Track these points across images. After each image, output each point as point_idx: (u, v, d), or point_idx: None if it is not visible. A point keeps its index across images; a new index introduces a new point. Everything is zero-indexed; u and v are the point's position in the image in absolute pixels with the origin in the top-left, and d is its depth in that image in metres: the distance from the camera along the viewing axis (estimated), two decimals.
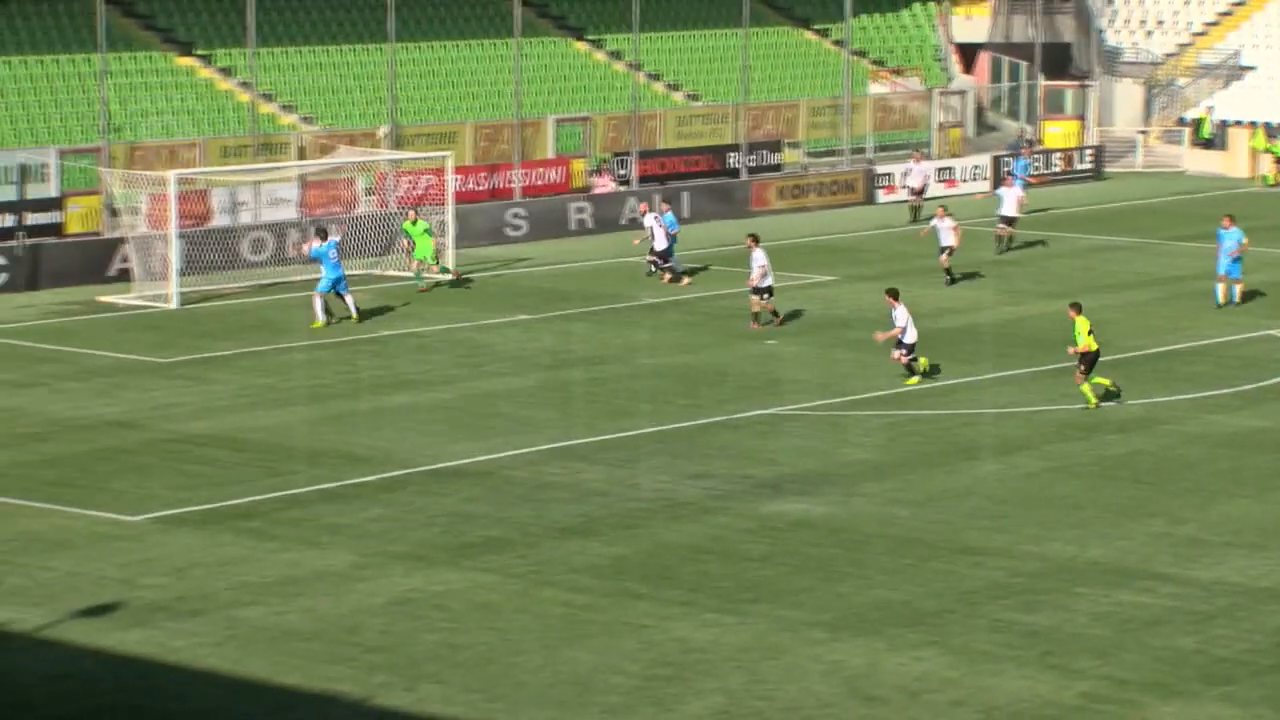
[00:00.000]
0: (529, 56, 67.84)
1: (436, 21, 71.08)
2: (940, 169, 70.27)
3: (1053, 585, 27.78)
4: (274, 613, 26.24)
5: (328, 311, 45.72)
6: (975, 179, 71.07)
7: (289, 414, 37.39)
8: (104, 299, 49.17)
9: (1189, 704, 23.50)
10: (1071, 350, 38.01)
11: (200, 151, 57.37)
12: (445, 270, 51.14)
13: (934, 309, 48.73)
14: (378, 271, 53.13)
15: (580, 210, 61.02)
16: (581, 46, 73.52)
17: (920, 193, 63.58)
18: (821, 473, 33.55)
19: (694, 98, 73.34)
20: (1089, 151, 76.00)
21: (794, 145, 71.03)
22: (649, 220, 52.47)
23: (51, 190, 54.05)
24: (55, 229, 52.83)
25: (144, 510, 30.88)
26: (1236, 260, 48.79)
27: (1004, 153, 73.83)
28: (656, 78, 73.27)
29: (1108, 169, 76.33)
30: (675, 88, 73.61)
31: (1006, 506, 31.67)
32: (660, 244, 51.76)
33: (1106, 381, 38.30)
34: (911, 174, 64.42)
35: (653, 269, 52.21)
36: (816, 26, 79.37)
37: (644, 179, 64.23)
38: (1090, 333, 37.87)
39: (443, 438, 35.61)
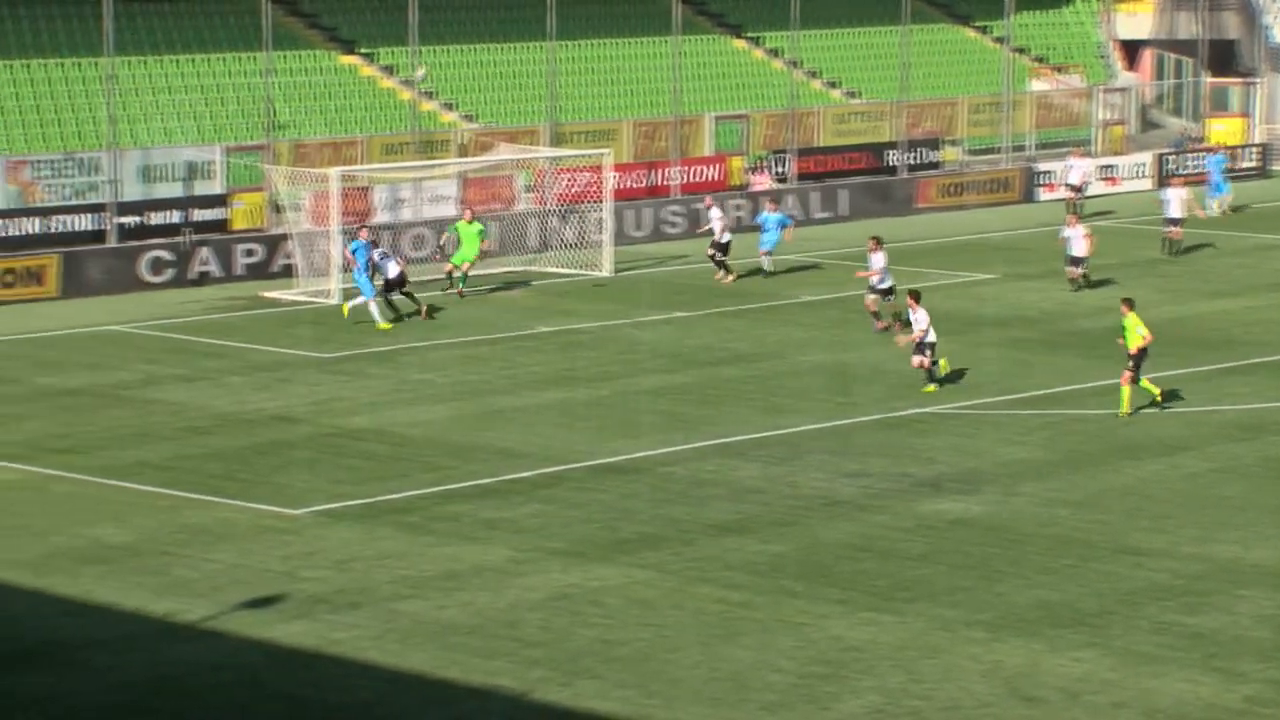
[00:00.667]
0: (688, 54, 67.81)
1: (596, 19, 71.25)
2: (1103, 167, 69.49)
3: (1216, 587, 27.38)
4: (433, 607, 26.38)
5: (393, 309, 45.69)
6: (1138, 177, 70.23)
7: (447, 409, 37.60)
8: (267, 294, 49.70)
9: None
10: (1120, 341, 37.34)
11: (362, 149, 57.84)
12: (462, 281, 48.95)
13: (1092, 308, 48.23)
14: (536, 268, 53.34)
15: (737, 208, 60.88)
16: (740, 44, 73.42)
17: (1080, 189, 62.52)
18: (980, 471, 33.26)
19: (853, 95, 73.03)
20: (1254, 149, 74.90)
21: (953, 143, 70.55)
22: (714, 214, 51.89)
23: (217, 187, 54.71)
24: (220, 225, 53.47)
25: (305, 504, 31.16)
26: None
27: (1167, 150, 72.98)
28: (815, 75, 73.02)
29: (1273, 166, 75.16)
30: (834, 85, 73.33)
31: (1168, 507, 31.25)
32: (724, 237, 51.40)
33: (1155, 391, 37.14)
34: (1072, 170, 63.24)
35: (716, 262, 51.54)
36: (977, 23, 78.79)
37: (802, 176, 64.02)
38: (1140, 331, 36.80)
39: (599, 434, 35.66)
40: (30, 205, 51.72)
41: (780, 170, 63.98)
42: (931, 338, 39.48)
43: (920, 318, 39.34)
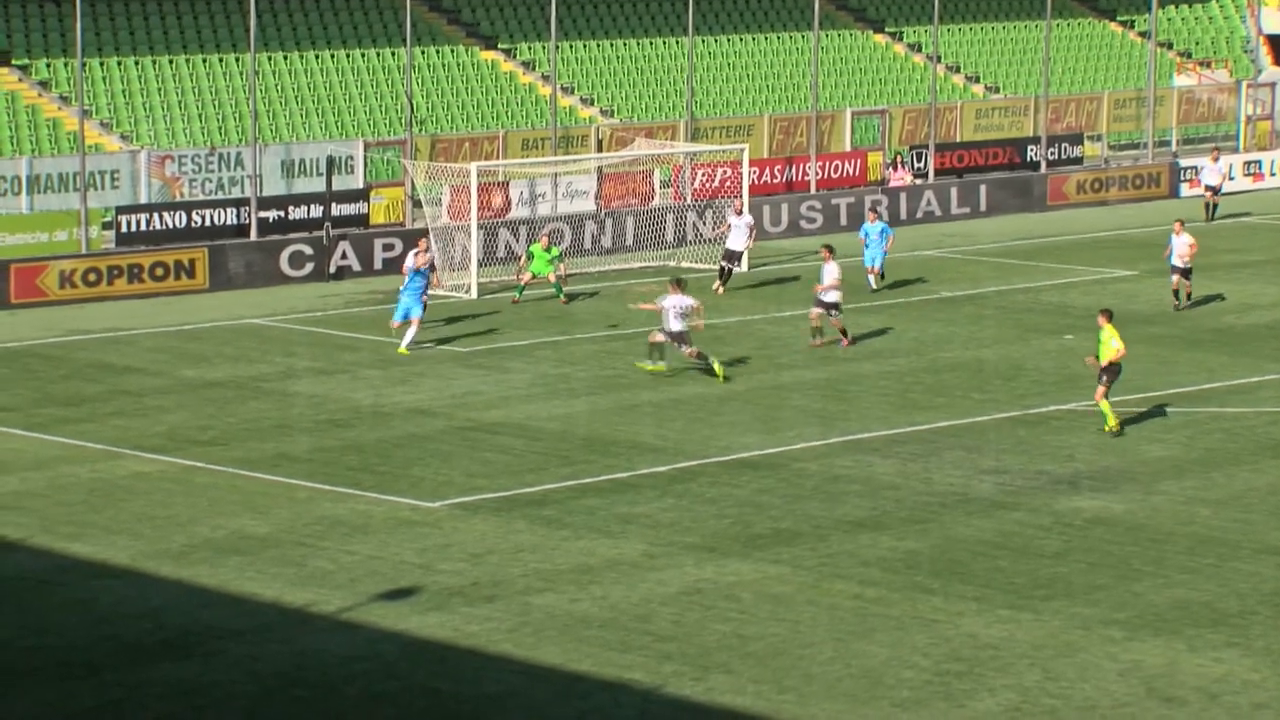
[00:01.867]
0: (826, 49, 67.65)
1: (735, 15, 71.23)
2: (1247, 163, 68.65)
3: None
4: (567, 600, 26.48)
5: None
6: None
7: (583, 403, 37.72)
8: None
9: None
10: (1089, 360, 35.47)
11: (500, 144, 58.14)
12: (559, 290, 47.97)
13: (1238, 305, 47.70)
14: (673, 264, 53.39)
15: (876, 204, 60.66)
16: (880, 39, 73.16)
17: (1217, 190, 61.82)
18: (1119, 469, 32.98)
19: (993, 90, 72.59)
20: None
21: (1095, 138, 69.97)
22: (740, 220, 49.63)
23: (357, 182, 55.17)
24: (360, 220, 53.92)
25: (441, 496, 31.37)
26: None
27: None
28: (955, 69, 72.65)
29: None
30: (974, 79, 72.92)
31: None
32: (737, 245, 49.34)
33: (1111, 420, 35.00)
34: (1206, 171, 62.56)
35: (723, 272, 49.22)
36: (1121, 18, 78.13)
37: (941, 172, 63.72)
38: (1114, 344, 34.88)
39: (734, 429, 35.66)
40: (174, 200, 52.40)
41: (919, 166, 63.70)
42: (833, 297, 39.81)
43: (830, 270, 39.88)
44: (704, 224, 54.99)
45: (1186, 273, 46.83)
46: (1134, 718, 22.57)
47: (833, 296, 42.09)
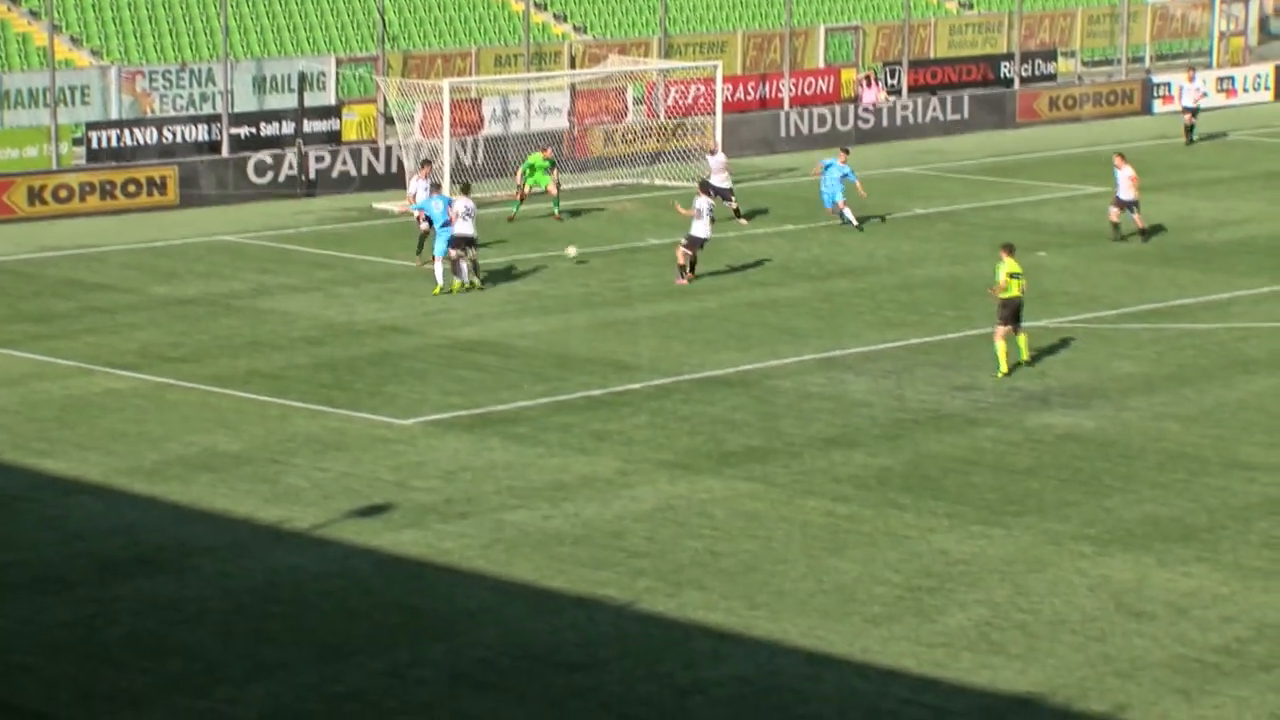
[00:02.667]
0: None
1: None
2: (1220, 78, 68.58)
3: None
4: (541, 517, 26.54)
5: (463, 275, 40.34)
6: (1256, 89, 69.29)
7: (557, 321, 37.70)
8: (379, 205, 49.91)
9: None
10: (990, 291, 33.74)
11: (473, 61, 57.87)
12: (557, 205, 47.67)
13: (1211, 220, 47.76)
14: (646, 181, 53.29)
15: (847, 121, 60.56)
16: None
17: (1195, 111, 61.12)
18: (1090, 386, 33.06)
19: (967, 6, 72.36)
20: None
21: (1069, 55, 69.82)
22: (702, 204, 42.34)
23: (329, 98, 54.91)
24: (332, 136, 53.69)
25: (415, 414, 31.36)
26: None
27: None
28: None
29: None
30: None
31: None
32: (704, 232, 41.93)
33: (1025, 351, 33.69)
34: (1184, 92, 61.84)
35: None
36: None
37: (914, 89, 63.57)
38: (1016, 278, 33.11)
39: (708, 346, 35.67)
40: (145, 116, 52.12)
41: (893, 83, 63.53)
42: (702, 232, 39.52)
43: (701, 204, 39.60)
44: (675, 140, 54.74)
45: (1133, 205, 44.60)
46: (1103, 632, 22.69)
47: (704, 231, 40.15)
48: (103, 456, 29.14)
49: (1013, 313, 33.35)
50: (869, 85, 62.75)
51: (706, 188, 42.25)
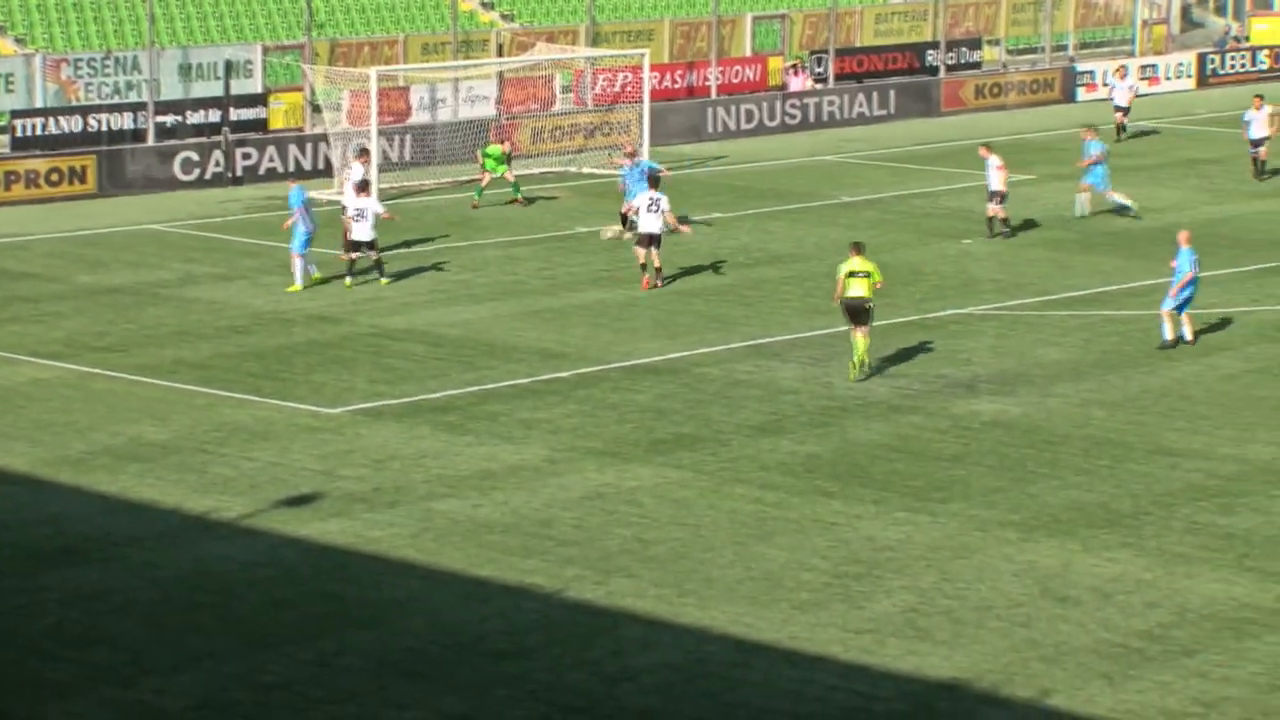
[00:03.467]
0: None
1: None
2: (1143, 66, 68.95)
3: (1251, 488, 27.34)
4: (470, 505, 26.49)
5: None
6: (1179, 77, 69.73)
7: (485, 310, 37.62)
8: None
9: None
10: (835, 299, 32.38)
11: (401, 49, 57.68)
12: (516, 190, 47.91)
13: (1134, 208, 47.99)
14: (574, 169, 53.22)
15: (775, 109, 60.64)
16: None
17: (1127, 111, 58.92)
18: (1016, 372, 33.20)
19: None
20: None
21: (993, 43, 70.07)
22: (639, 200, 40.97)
23: (256, 86, 54.62)
24: (259, 125, 53.42)
25: (343, 403, 31.25)
26: None
27: (1209, 50, 72.41)
28: None
29: None
30: None
31: (1205, 408, 31.17)
32: (656, 227, 40.41)
33: (863, 354, 32.10)
34: (1116, 91, 59.51)
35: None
36: None
37: (840, 77, 63.68)
38: (863, 276, 31.91)
39: (636, 335, 35.67)
40: (70, 104, 51.74)
41: (819, 71, 63.64)
42: (649, 228, 38.44)
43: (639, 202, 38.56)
44: (603, 129, 54.63)
45: (1002, 196, 43.95)
46: (1029, 617, 22.80)
47: (655, 227, 39.01)
48: (28, 446, 28.93)
49: (854, 313, 32.00)
50: (796, 73, 62.83)
51: (654, 182, 39.81)
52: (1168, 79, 69.43)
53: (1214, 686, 21.05)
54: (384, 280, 39.43)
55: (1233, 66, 71.53)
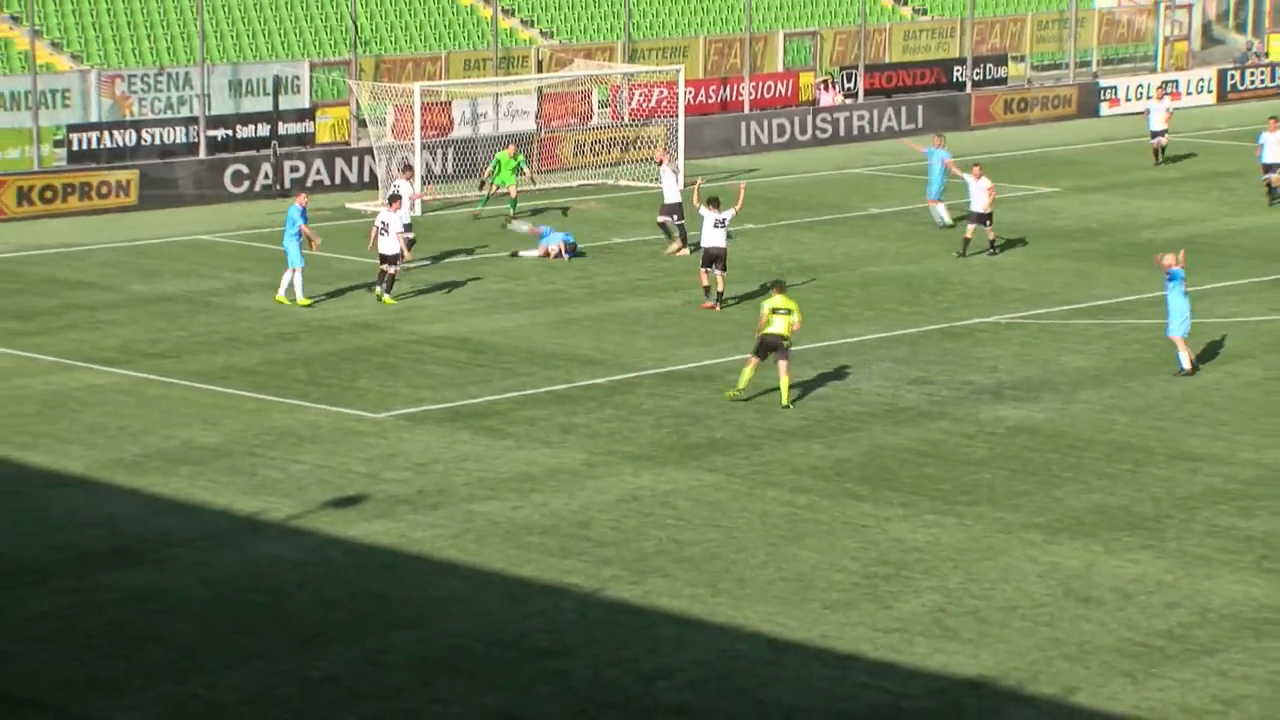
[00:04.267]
0: None
1: None
2: (1165, 81, 68.82)
3: (1270, 492, 27.27)
4: (510, 507, 26.53)
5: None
6: (1200, 93, 69.56)
7: (524, 318, 37.68)
8: (351, 205, 49.82)
9: None
10: (757, 333, 31.30)
11: (443, 65, 57.80)
12: (482, 202, 47.12)
13: (1155, 220, 47.91)
14: (611, 181, 53.27)
15: (808, 123, 60.65)
16: None
17: (1164, 134, 55.91)
18: (1041, 379, 33.16)
19: (921, 12, 72.49)
20: None
21: (1019, 59, 69.99)
22: (664, 172, 44.26)
23: (304, 101, 54.79)
24: (307, 139, 53.58)
25: (387, 408, 31.33)
26: None
27: (1230, 66, 72.23)
28: None
29: None
30: (903, 2, 72.80)
31: (1225, 414, 31.09)
32: (671, 198, 43.59)
33: (784, 397, 31.08)
34: (1152, 116, 56.43)
35: (669, 229, 43.71)
36: None
37: (870, 92, 63.65)
38: (785, 314, 30.99)
39: (670, 342, 35.69)
40: (124, 118, 51.96)
41: (849, 86, 63.60)
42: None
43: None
44: (640, 142, 54.69)
45: (987, 217, 42.90)
46: (1053, 617, 22.78)
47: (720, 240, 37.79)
48: (84, 450, 29.06)
49: (767, 348, 31.08)
50: (826, 89, 62.83)
51: (714, 203, 38.20)
52: (1189, 94, 69.24)
53: (1234, 685, 21.01)
54: (386, 298, 38.30)
55: (1252, 82, 71.32)
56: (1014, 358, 34.60)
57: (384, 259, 38.83)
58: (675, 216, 43.66)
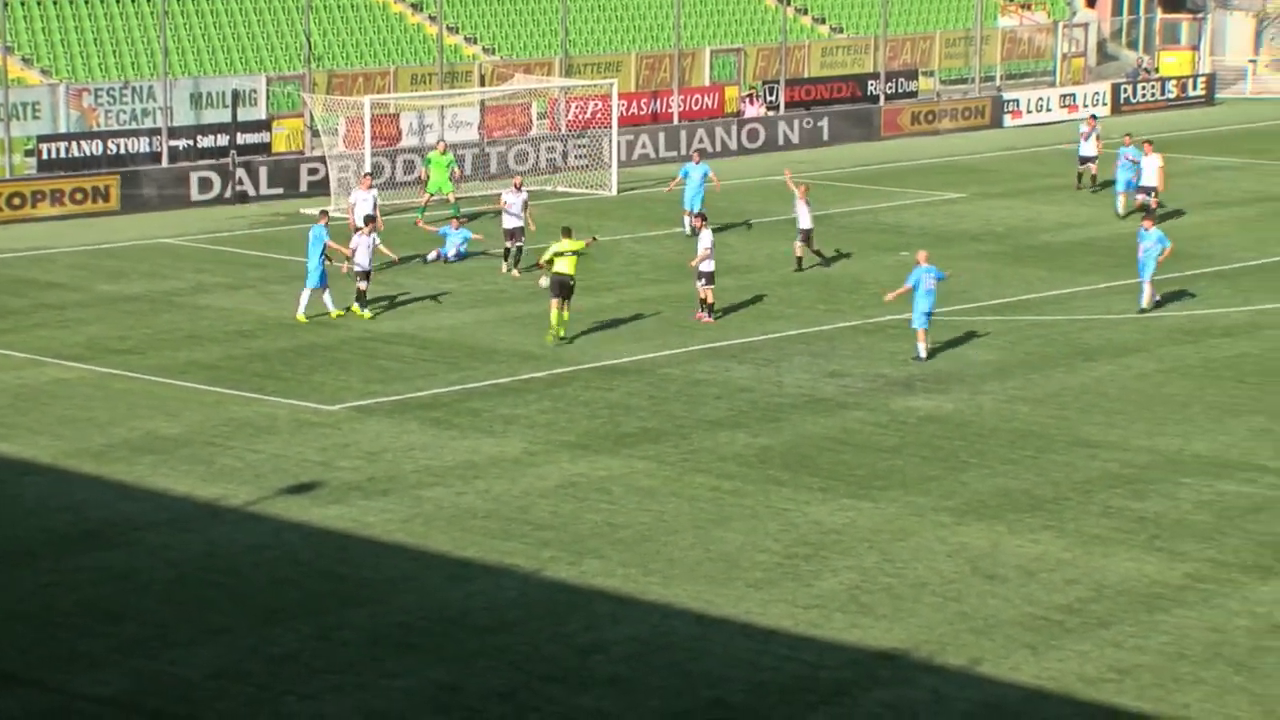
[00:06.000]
0: None
1: None
2: (1063, 95, 69.23)
3: (1161, 476, 27.47)
4: (454, 493, 26.49)
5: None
6: (1095, 104, 69.98)
7: (468, 316, 37.61)
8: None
9: None
10: (544, 269, 33.27)
11: (392, 79, 57.61)
12: (456, 210, 45.47)
13: (1054, 224, 48.18)
14: (549, 189, 53.20)
15: (733, 133, 60.73)
16: None
17: (1095, 160, 52.47)
18: (949, 372, 33.30)
19: (838, 30, 72.66)
20: (1201, 79, 74.59)
21: (928, 74, 70.24)
22: (516, 198, 41.48)
23: (261, 113, 54.53)
24: (264, 148, 53.34)
25: (340, 400, 31.23)
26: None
27: (1122, 80, 72.71)
28: (804, 12, 72.64)
29: (1218, 95, 74.87)
30: (821, 21, 72.95)
31: (1119, 404, 31.31)
32: (511, 224, 41.35)
33: (561, 329, 33.75)
34: (1085, 143, 52.68)
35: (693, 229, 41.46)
36: None
37: (790, 105, 63.78)
38: (570, 255, 33.05)
39: (605, 339, 35.69)
40: (91, 129, 51.60)
41: (771, 99, 63.71)
42: (709, 266, 35.92)
43: (705, 239, 35.88)
44: (575, 152, 54.58)
45: (809, 234, 41.55)
46: (960, 593, 22.89)
47: (709, 266, 36.90)
48: (53, 440, 28.87)
49: (558, 287, 33.94)
50: (750, 102, 62.93)
51: (703, 218, 37.62)
52: (1085, 106, 69.63)
53: (1127, 655, 21.17)
54: (363, 311, 36.75)
55: (1144, 96, 71.83)
56: (924, 352, 34.69)
57: (365, 274, 37.27)
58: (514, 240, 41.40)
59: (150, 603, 22.43)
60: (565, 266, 33.82)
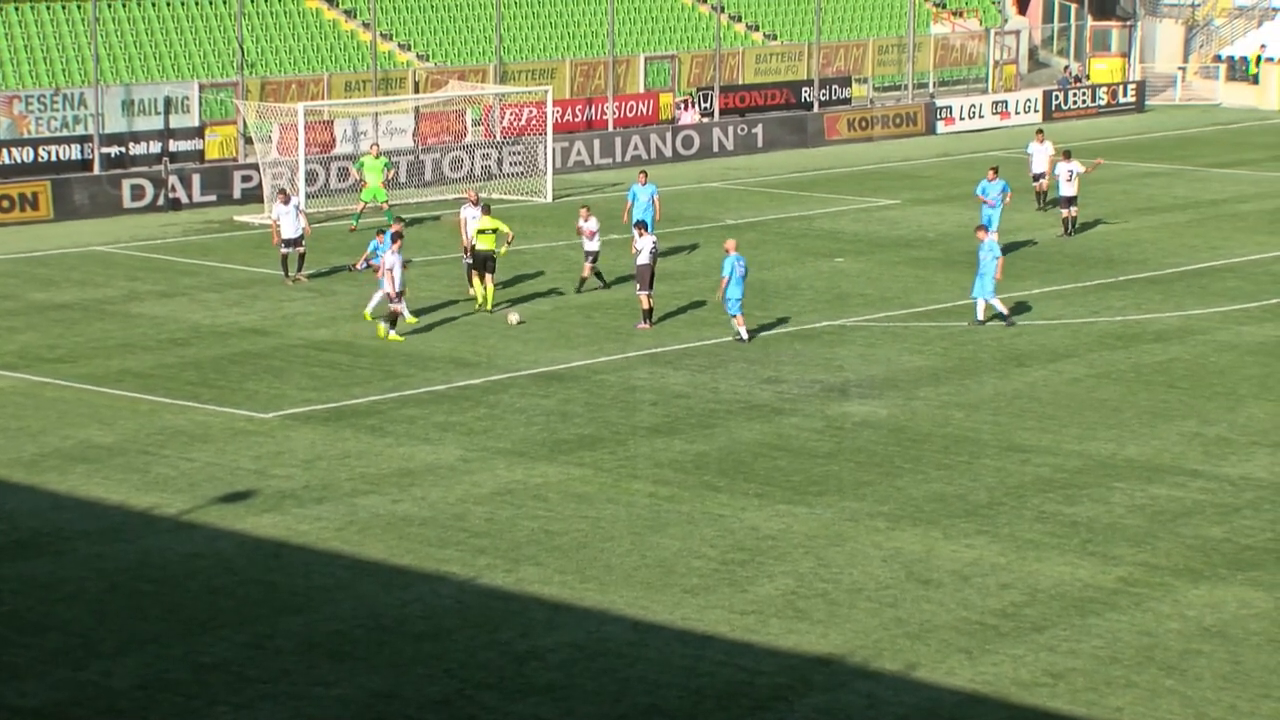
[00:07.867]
0: (622, 0, 67.40)
1: None
2: (995, 102, 69.59)
3: (1093, 480, 27.60)
4: (390, 501, 26.38)
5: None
6: (1027, 111, 70.39)
7: (403, 323, 37.42)
8: (239, 218, 49.37)
9: (1217, 587, 23.34)
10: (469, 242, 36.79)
11: (325, 86, 57.41)
12: (391, 216, 44.24)
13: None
14: (485, 195, 53.04)
15: (668, 140, 60.76)
16: None
17: (1042, 176, 50.61)
18: (883, 378, 33.39)
19: (771, 37, 72.81)
20: (1131, 86, 75.11)
21: (861, 81, 70.49)
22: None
23: (193, 120, 54.24)
24: (197, 155, 53.05)
25: (275, 408, 31.06)
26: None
27: (1053, 87, 73.13)
28: (738, 19, 72.77)
29: (1149, 102, 75.42)
30: (754, 28, 73.09)
31: (1052, 409, 31.45)
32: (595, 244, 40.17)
33: (488, 301, 37.04)
34: (1035, 158, 50.85)
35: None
36: None
37: (725, 112, 63.89)
38: (489, 233, 36.86)
39: (541, 345, 35.63)
40: (22, 136, 51.20)
41: (706, 106, 63.80)
42: (593, 246, 39.03)
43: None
44: (510, 159, 54.48)
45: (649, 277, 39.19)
46: (896, 599, 22.93)
47: (594, 246, 39.13)
48: None
49: (479, 262, 36.95)
50: (685, 108, 62.98)
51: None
52: (1017, 113, 70.04)
53: (1061, 659, 21.25)
54: (390, 333, 35.60)
55: (1075, 103, 72.27)
56: (859, 358, 34.82)
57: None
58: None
59: (79, 612, 22.23)
60: (485, 244, 36.53)
